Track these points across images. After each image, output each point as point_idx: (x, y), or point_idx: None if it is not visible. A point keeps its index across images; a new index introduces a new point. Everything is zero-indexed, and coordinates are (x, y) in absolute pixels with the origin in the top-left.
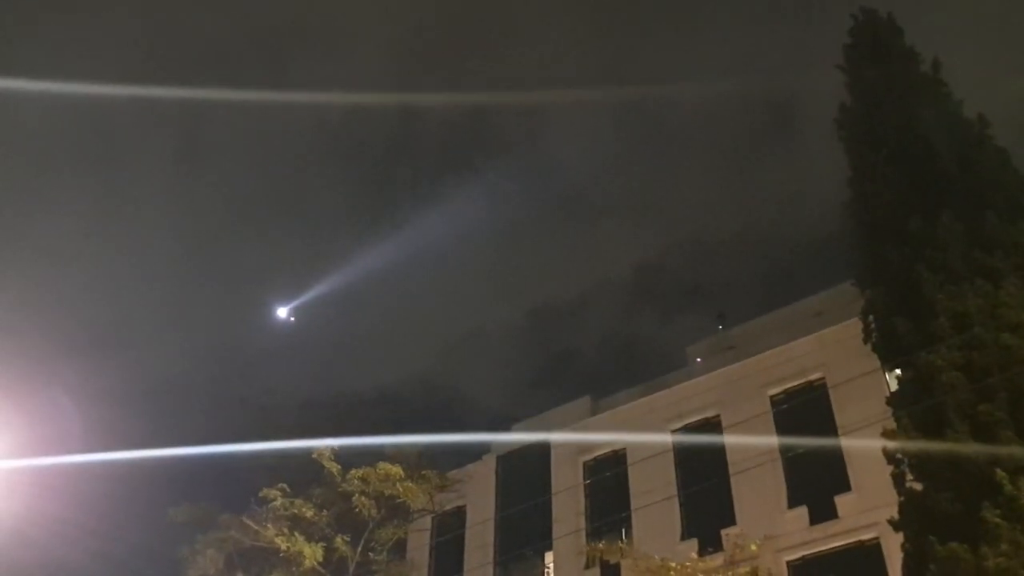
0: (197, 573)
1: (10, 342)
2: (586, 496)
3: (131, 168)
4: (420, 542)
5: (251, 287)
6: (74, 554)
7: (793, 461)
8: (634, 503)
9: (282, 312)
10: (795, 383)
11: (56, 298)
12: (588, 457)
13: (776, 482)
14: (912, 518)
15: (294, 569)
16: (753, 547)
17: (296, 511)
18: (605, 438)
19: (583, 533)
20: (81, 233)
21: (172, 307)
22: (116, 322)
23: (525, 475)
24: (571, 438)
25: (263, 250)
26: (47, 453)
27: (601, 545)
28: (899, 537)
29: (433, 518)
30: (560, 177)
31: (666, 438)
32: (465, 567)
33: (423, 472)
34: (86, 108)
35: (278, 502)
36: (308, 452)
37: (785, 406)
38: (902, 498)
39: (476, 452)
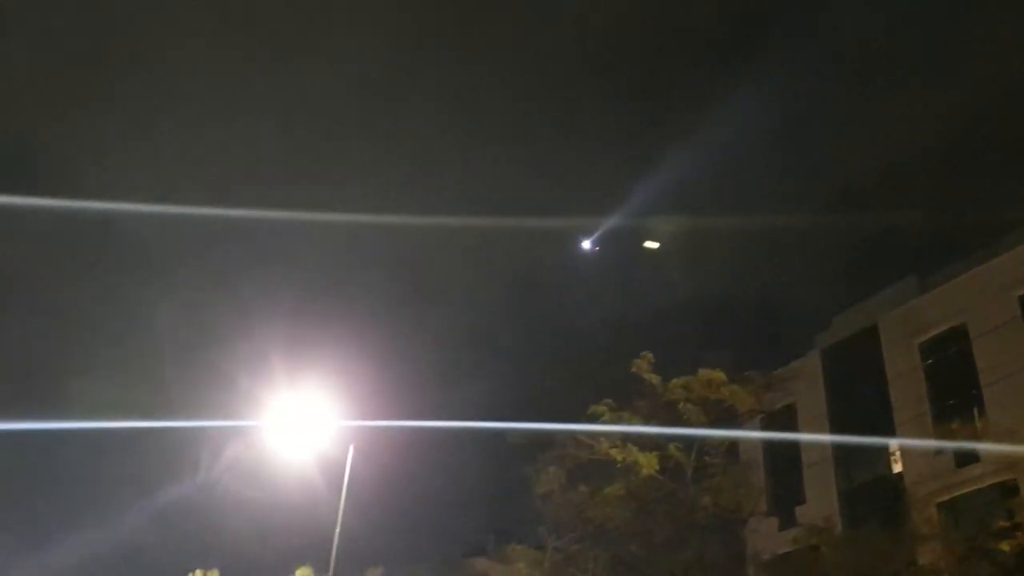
0: (542, 489)
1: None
2: (926, 378)
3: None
4: (752, 443)
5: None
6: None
7: None
8: (983, 379)
9: (585, 244)
10: None
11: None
12: (923, 338)
13: None
14: None
15: (632, 478)
16: None
17: (625, 423)
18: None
19: (927, 417)
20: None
21: (477, 253)
22: (433, 272)
23: (854, 366)
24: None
25: (552, 184)
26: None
27: (954, 427)
28: None
29: (762, 418)
30: (847, 47)
31: (1012, 307)
32: (803, 464)
33: (746, 374)
34: None
35: (606, 416)
36: (627, 369)
37: None
38: None
39: (799, 349)
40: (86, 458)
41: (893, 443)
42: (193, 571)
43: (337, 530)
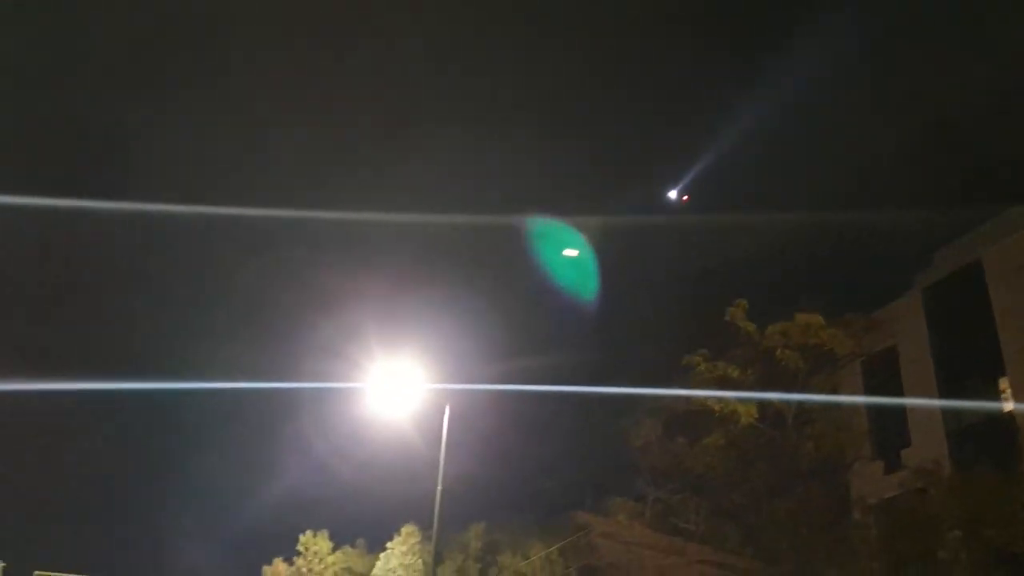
0: (639, 442)
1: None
2: None
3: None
4: (853, 387)
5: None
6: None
7: None
8: None
9: (672, 194)
10: None
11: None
12: None
13: None
14: None
15: (731, 427)
16: None
17: (721, 373)
18: None
19: None
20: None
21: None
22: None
23: (958, 303)
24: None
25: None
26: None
27: None
28: None
29: (862, 362)
30: None
31: None
32: (908, 406)
33: (845, 317)
34: None
35: (701, 367)
36: (721, 319)
37: None
38: None
39: (899, 289)
40: (208, 418)
41: (1002, 381)
42: (304, 532)
43: (438, 488)
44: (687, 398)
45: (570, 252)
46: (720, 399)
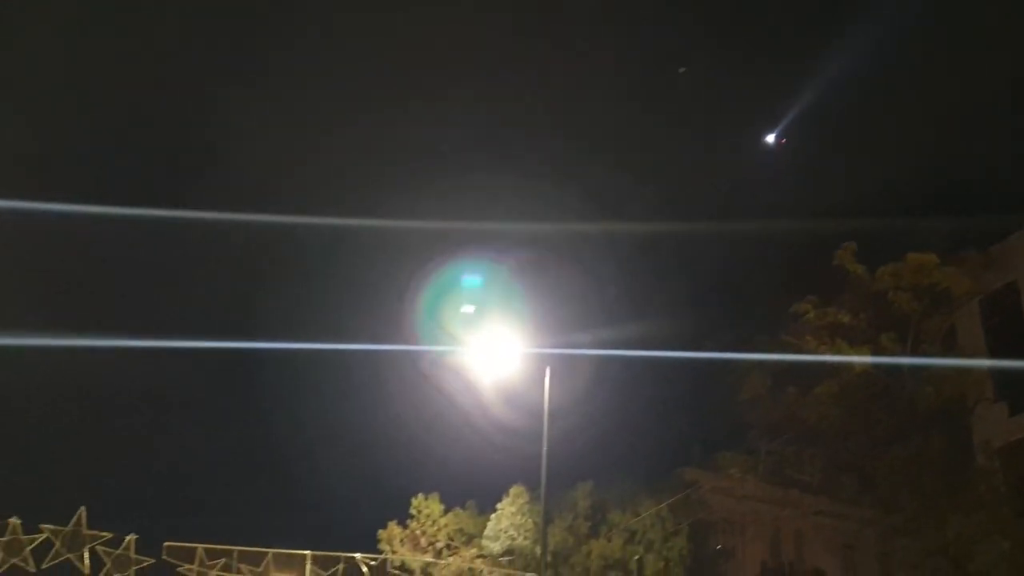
0: (749, 395)
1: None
2: None
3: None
4: (971, 327)
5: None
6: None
7: None
8: None
9: (769, 138)
10: None
11: None
12: None
13: None
14: None
15: (844, 375)
16: None
17: (831, 319)
18: None
19: None
20: None
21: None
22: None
23: None
24: None
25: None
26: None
27: None
28: None
29: (980, 300)
30: None
31: None
32: None
33: (960, 255)
34: None
35: (810, 314)
36: (827, 263)
37: None
38: None
39: (1017, 222)
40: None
41: None
42: (415, 495)
43: (544, 449)
44: (797, 346)
45: (467, 309)
46: (832, 346)
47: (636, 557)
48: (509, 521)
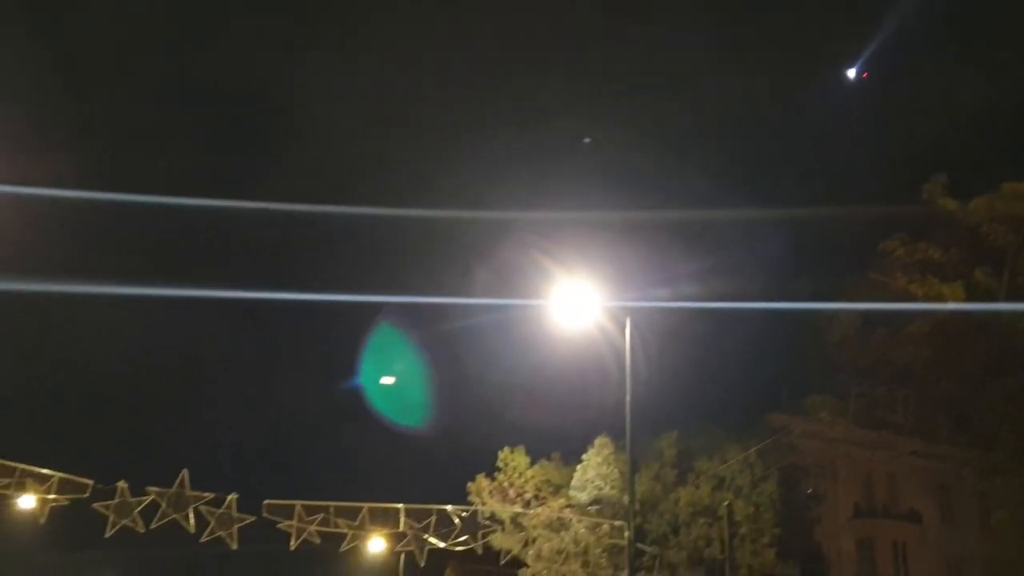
0: (836, 336)
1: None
2: None
3: None
4: None
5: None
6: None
7: None
8: None
9: (851, 72)
10: None
11: None
12: None
13: None
14: None
15: (936, 313)
16: None
17: (921, 256)
18: None
19: None
20: None
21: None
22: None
23: None
24: None
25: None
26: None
27: None
28: None
29: None
30: None
31: None
32: None
33: None
34: None
35: (899, 252)
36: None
37: None
38: None
39: None
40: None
41: None
42: (502, 448)
43: (627, 398)
44: (886, 286)
45: (386, 380)
46: (922, 283)
47: (725, 503)
48: (595, 471)
